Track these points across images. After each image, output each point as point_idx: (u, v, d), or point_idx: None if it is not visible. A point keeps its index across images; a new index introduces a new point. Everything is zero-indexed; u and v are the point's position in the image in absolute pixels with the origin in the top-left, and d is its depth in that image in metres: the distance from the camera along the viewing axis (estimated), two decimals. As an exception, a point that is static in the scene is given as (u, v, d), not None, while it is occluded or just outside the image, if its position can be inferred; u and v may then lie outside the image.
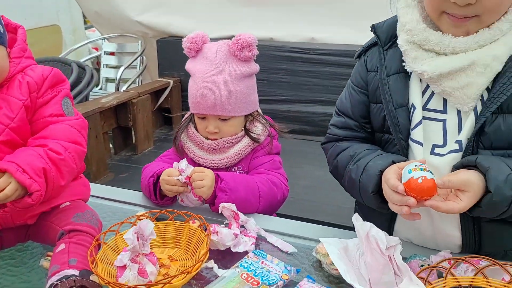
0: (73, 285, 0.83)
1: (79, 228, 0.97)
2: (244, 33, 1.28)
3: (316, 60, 2.99)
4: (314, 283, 0.93)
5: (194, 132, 1.36)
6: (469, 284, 0.84)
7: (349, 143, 1.14)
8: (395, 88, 1.02)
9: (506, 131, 0.92)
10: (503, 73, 0.91)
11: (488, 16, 0.88)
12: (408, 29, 0.97)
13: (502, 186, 0.84)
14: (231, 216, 1.11)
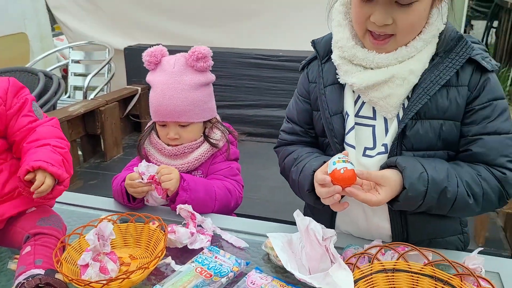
0: (39, 283, 0.91)
1: (44, 231, 1.05)
2: (199, 46, 1.38)
3: (280, 66, 3.12)
4: (262, 273, 1.04)
5: (156, 140, 1.44)
6: (392, 267, 0.97)
7: (295, 147, 1.26)
8: (331, 97, 1.14)
9: (424, 134, 1.05)
10: (419, 85, 1.04)
11: (402, 36, 1.01)
12: (339, 46, 1.09)
13: (416, 182, 0.97)
14: (188, 216, 1.21)
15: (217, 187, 1.37)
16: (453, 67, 1.02)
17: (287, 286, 0.99)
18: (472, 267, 0.93)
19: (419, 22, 1.01)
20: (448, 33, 1.05)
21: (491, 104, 1.04)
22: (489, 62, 1.04)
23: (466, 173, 1.03)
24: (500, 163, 1.03)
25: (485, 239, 2.08)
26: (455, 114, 1.05)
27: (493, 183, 1.02)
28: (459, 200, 1.00)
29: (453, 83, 1.04)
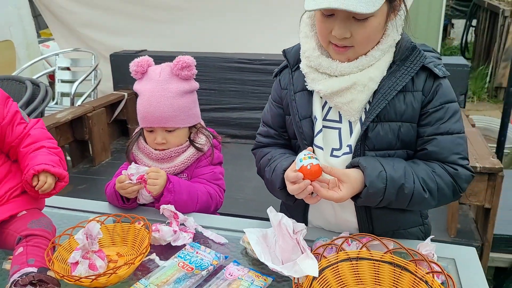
0: (32, 280, 0.98)
1: (35, 233, 1.13)
2: (184, 56, 1.47)
3: (262, 69, 3.22)
4: (239, 265, 1.14)
5: (144, 145, 1.52)
6: (356, 256, 1.07)
7: (270, 149, 1.35)
8: (300, 103, 1.23)
9: (384, 135, 1.15)
10: (378, 91, 1.14)
11: (360, 47, 1.11)
12: (307, 56, 1.18)
13: (375, 180, 1.07)
14: (171, 215, 1.30)
15: (200, 191, 1.46)
16: (408, 74, 1.12)
17: (261, 276, 1.09)
18: (425, 253, 1.04)
19: (374, 34, 1.10)
20: (403, 43, 1.15)
21: (443, 107, 1.14)
22: (440, 69, 1.14)
23: (422, 170, 1.13)
24: (453, 160, 1.14)
25: (457, 230, 2.20)
26: (411, 116, 1.15)
27: (447, 179, 1.13)
28: (415, 195, 1.11)
29: (409, 88, 1.14)
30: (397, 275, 1.02)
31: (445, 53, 7.80)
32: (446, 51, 7.87)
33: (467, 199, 2.09)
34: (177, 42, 3.54)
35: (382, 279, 1.04)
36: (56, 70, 3.85)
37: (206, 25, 3.56)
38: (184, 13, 3.55)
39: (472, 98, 5.77)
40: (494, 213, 2.07)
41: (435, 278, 0.97)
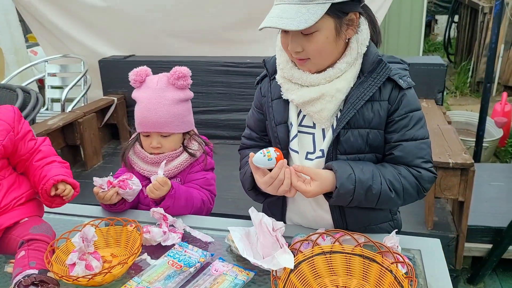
0: (34, 280, 1.08)
1: (36, 237, 1.22)
2: (180, 67, 1.57)
3: (248, 72, 3.31)
4: (224, 262, 1.24)
5: (139, 149, 1.62)
6: (329, 250, 1.17)
7: (250, 151, 1.45)
8: (276, 109, 1.33)
9: (354, 141, 1.24)
10: (348, 100, 1.23)
11: (316, 59, 1.20)
12: (281, 68, 1.28)
13: (345, 182, 1.18)
14: (160, 218, 1.39)
15: (195, 198, 1.56)
16: (375, 85, 1.22)
17: (244, 271, 1.19)
18: (390, 245, 1.14)
19: (326, 47, 1.18)
20: (370, 56, 1.24)
21: (408, 116, 1.24)
22: (405, 80, 1.24)
23: (389, 172, 1.24)
24: (417, 164, 1.25)
25: (434, 223, 2.32)
26: (378, 124, 1.25)
27: (411, 180, 1.24)
28: (383, 195, 1.21)
29: (376, 98, 1.24)
30: (366, 266, 1.13)
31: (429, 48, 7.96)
32: (430, 47, 8.04)
33: (442, 193, 2.22)
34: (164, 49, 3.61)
35: (353, 270, 1.14)
36: (46, 76, 3.91)
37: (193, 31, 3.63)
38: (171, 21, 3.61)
39: (455, 93, 5.92)
40: (468, 206, 2.19)
41: (399, 268, 1.08)
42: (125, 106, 3.59)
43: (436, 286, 1.11)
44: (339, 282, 1.14)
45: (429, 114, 2.82)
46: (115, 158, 3.32)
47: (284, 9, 1.12)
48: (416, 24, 5.63)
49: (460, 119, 4.42)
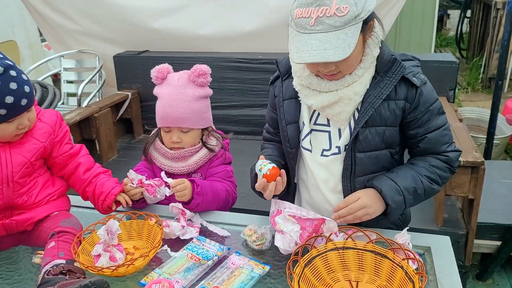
0: (62, 270, 1.14)
1: (66, 230, 1.29)
2: (200, 64, 1.61)
3: (260, 68, 3.35)
4: (240, 255, 1.30)
5: (160, 145, 1.66)
6: (342, 245, 1.22)
7: (267, 145, 1.54)
8: (287, 109, 1.38)
9: (371, 139, 1.30)
10: (366, 100, 1.27)
11: (346, 71, 1.24)
12: (298, 76, 1.32)
13: (394, 196, 1.26)
14: (179, 212, 1.45)
15: (220, 190, 1.61)
16: (391, 84, 1.26)
17: (260, 265, 1.25)
18: (401, 242, 1.19)
19: (355, 60, 1.23)
20: (384, 56, 1.28)
21: (428, 111, 1.30)
22: (419, 77, 1.28)
23: (422, 169, 1.31)
24: (443, 150, 1.34)
25: (444, 220, 2.35)
26: (394, 121, 1.30)
27: (442, 166, 1.34)
28: (427, 190, 1.31)
29: (392, 97, 1.28)
30: (378, 262, 1.17)
31: (441, 43, 7.90)
32: (442, 42, 7.97)
33: (452, 191, 2.24)
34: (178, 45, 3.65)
35: (365, 265, 1.19)
36: (61, 71, 3.98)
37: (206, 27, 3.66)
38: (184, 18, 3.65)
39: (467, 89, 5.89)
40: (478, 203, 2.22)
41: (410, 264, 1.13)
42: (139, 101, 3.65)
43: (445, 282, 1.15)
44: (351, 277, 1.18)
45: (440, 112, 2.83)
46: (129, 152, 3.38)
47: (323, 39, 1.11)
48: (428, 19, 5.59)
49: (471, 115, 4.41)
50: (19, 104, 1.21)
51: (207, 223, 1.49)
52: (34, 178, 1.36)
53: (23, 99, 1.21)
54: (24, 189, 1.32)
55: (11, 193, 1.29)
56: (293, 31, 1.18)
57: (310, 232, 1.25)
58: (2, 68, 1.16)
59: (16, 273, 1.31)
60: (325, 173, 1.37)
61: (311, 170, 1.39)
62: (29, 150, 1.32)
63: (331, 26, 1.11)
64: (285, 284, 1.20)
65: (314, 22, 1.11)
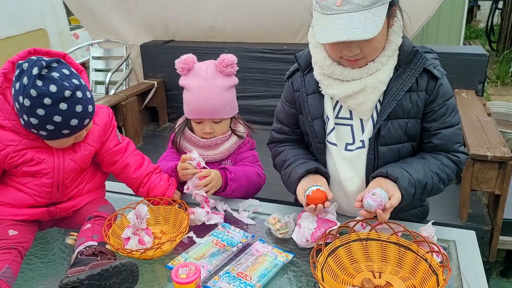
0: (94, 251, 1.19)
1: (102, 215, 1.35)
2: (226, 54, 1.61)
3: (284, 59, 3.34)
4: (264, 243, 1.32)
5: (190, 134, 1.67)
6: (366, 236, 1.23)
7: (284, 147, 1.50)
8: (312, 104, 1.37)
9: (394, 132, 1.29)
10: (388, 92, 1.27)
11: (370, 56, 1.23)
12: (319, 65, 1.31)
13: (408, 187, 1.23)
14: (202, 200, 1.47)
15: (252, 174, 1.64)
16: (413, 76, 1.26)
17: (283, 253, 1.27)
18: (426, 235, 1.19)
19: (380, 44, 1.23)
20: (406, 47, 1.27)
21: (445, 104, 1.29)
22: (439, 69, 1.27)
23: (434, 166, 1.29)
24: (455, 149, 1.32)
25: (469, 215, 2.32)
26: (416, 113, 1.29)
27: (452, 167, 1.32)
28: (434, 188, 1.29)
29: (414, 88, 1.28)
30: (402, 254, 1.18)
31: (470, 36, 7.68)
32: (471, 34, 7.75)
33: (478, 186, 2.21)
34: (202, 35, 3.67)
35: (388, 257, 1.20)
36: (90, 59, 4.07)
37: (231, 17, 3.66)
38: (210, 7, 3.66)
39: (496, 83, 5.74)
40: (504, 199, 2.18)
41: (434, 257, 1.13)
42: (164, 90, 3.71)
43: (469, 277, 1.15)
44: (374, 268, 1.20)
45: (469, 105, 2.79)
46: (154, 139, 3.46)
47: (351, 19, 1.11)
48: (458, 10, 5.43)
49: (500, 110, 4.29)
50: (82, 125, 1.23)
51: (231, 210, 1.52)
52: (81, 176, 1.40)
53: (86, 119, 1.23)
54: (72, 187, 1.37)
55: (60, 195, 1.34)
56: (318, 14, 1.17)
57: (322, 233, 1.26)
58: (70, 92, 1.15)
59: (50, 252, 1.37)
60: (350, 168, 1.37)
61: (336, 166, 1.38)
62: (81, 156, 1.34)
63: (358, 6, 1.11)
64: (307, 272, 1.22)
65: (341, 2, 1.11)
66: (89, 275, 1.07)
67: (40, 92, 1.12)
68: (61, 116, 1.16)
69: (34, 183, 1.29)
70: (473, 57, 3.01)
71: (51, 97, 1.13)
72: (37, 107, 1.13)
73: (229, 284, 1.14)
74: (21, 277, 1.25)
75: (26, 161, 1.26)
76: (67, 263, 1.30)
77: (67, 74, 1.18)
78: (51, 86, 1.13)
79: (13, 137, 1.24)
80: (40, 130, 1.19)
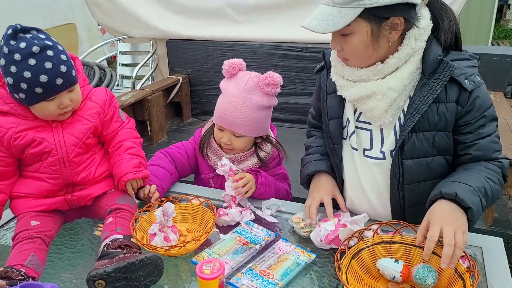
0: (120, 244, 1.22)
1: (122, 207, 1.38)
2: (273, 73, 1.54)
3: (308, 57, 3.32)
4: (287, 242, 1.33)
5: (215, 146, 1.63)
6: (389, 239, 1.23)
7: (315, 132, 1.56)
8: (330, 104, 1.37)
9: (419, 145, 1.25)
10: (411, 104, 1.22)
11: (353, 60, 1.23)
12: (334, 65, 1.31)
13: (472, 198, 1.13)
14: (230, 200, 1.49)
15: (282, 188, 1.65)
16: (438, 87, 1.19)
17: (306, 253, 1.28)
18: (452, 240, 1.17)
19: (360, 50, 1.18)
20: (431, 55, 1.20)
21: (484, 116, 1.23)
22: (472, 80, 1.19)
23: (480, 171, 1.22)
24: (495, 157, 1.27)
25: (494, 219, 2.28)
26: (444, 126, 1.24)
27: (497, 170, 1.26)
28: (494, 191, 1.20)
29: (442, 99, 1.22)
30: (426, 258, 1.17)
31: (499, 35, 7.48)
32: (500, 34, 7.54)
33: (505, 190, 2.17)
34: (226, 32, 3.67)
35: (412, 260, 1.19)
36: (117, 54, 4.15)
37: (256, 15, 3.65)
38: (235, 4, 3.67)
39: (526, 84, 5.57)
40: (532, 205, 2.14)
41: (460, 262, 1.11)
42: (189, 86, 3.74)
43: (496, 284, 1.13)
44: (398, 271, 1.19)
45: (497, 108, 2.66)
46: (178, 134, 3.50)
47: (321, 11, 1.16)
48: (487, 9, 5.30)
49: (529, 112, 4.18)
50: (54, 83, 1.24)
51: (255, 208, 1.53)
52: (90, 156, 1.42)
53: (58, 78, 1.24)
54: (81, 167, 1.39)
55: (68, 172, 1.37)
56: None
57: (337, 235, 1.26)
58: (38, 47, 1.20)
59: (79, 243, 1.41)
60: (370, 176, 1.35)
61: (357, 170, 1.37)
62: (79, 130, 1.37)
63: (333, 2, 1.14)
64: (330, 273, 1.22)
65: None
66: (115, 268, 1.10)
67: (11, 49, 1.20)
68: (30, 71, 1.20)
69: (43, 165, 1.34)
70: (502, 58, 2.94)
71: (20, 53, 1.20)
72: (10, 64, 1.21)
73: (252, 282, 1.16)
74: (51, 266, 1.29)
75: (28, 143, 1.31)
76: (95, 254, 1.33)
77: (41, 37, 1.25)
78: (21, 44, 1.21)
79: (12, 120, 1.31)
80: (17, 92, 1.25)
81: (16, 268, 1.14)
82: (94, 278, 1.10)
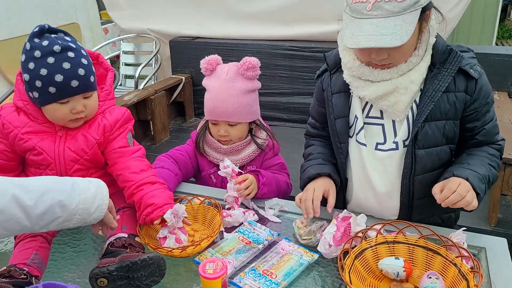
0: (124, 243, 1.22)
1: (130, 206, 1.37)
2: (249, 57, 1.57)
3: (311, 57, 3.32)
4: (290, 242, 1.33)
5: (211, 139, 1.66)
6: (393, 239, 1.22)
7: (315, 141, 1.54)
8: (336, 103, 1.37)
9: (431, 134, 1.27)
10: (424, 93, 1.24)
11: (398, 61, 1.21)
12: (348, 67, 1.30)
13: (480, 185, 1.19)
14: (233, 201, 1.49)
15: (282, 182, 1.65)
16: (449, 75, 1.23)
17: (309, 253, 1.28)
18: (456, 241, 1.17)
19: (409, 49, 1.20)
20: (440, 47, 1.25)
21: (487, 103, 1.29)
22: (476, 69, 1.25)
23: (485, 158, 1.29)
24: (496, 139, 1.33)
25: (498, 220, 2.27)
26: (454, 115, 1.28)
27: (497, 154, 1.32)
28: (493, 178, 1.28)
29: (452, 89, 1.25)
30: (430, 258, 1.17)
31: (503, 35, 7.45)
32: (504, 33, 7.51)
33: (509, 190, 2.16)
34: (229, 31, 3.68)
35: (416, 260, 1.19)
36: (120, 54, 4.15)
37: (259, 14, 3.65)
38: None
39: (530, 84, 5.54)
40: (536, 205, 2.12)
41: (464, 262, 1.11)
42: (192, 85, 3.75)
43: (500, 284, 1.12)
44: (401, 271, 1.18)
45: (501, 108, 2.71)
46: (181, 134, 3.50)
47: (380, 24, 1.10)
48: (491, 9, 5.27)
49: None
50: (69, 85, 1.20)
51: (258, 207, 1.53)
52: (91, 175, 1.38)
53: (73, 80, 1.21)
54: None
55: None
56: (348, 16, 1.16)
57: (342, 232, 1.25)
58: (60, 47, 1.19)
59: (82, 242, 1.41)
60: (379, 168, 1.36)
61: (366, 166, 1.37)
62: (81, 147, 1.33)
63: (389, 12, 1.09)
64: (333, 273, 1.22)
65: (372, 7, 1.10)
66: (118, 267, 1.10)
67: (33, 45, 1.20)
68: (46, 69, 1.19)
69: (42, 175, 1.30)
70: (507, 58, 2.92)
71: (41, 50, 1.19)
72: (29, 60, 1.20)
73: (254, 281, 1.16)
74: (54, 265, 1.30)
75: (29, 148, 1.30)
76: (98, 253, 1.34)
77: (66, 39, 1.24)
78: (44, 41, 1.20)
79: (22, 119, 1.30)
80: (32, 90, 1.23)
81: (19, 267, 1.15)
82: (96, 276, 1.10)
